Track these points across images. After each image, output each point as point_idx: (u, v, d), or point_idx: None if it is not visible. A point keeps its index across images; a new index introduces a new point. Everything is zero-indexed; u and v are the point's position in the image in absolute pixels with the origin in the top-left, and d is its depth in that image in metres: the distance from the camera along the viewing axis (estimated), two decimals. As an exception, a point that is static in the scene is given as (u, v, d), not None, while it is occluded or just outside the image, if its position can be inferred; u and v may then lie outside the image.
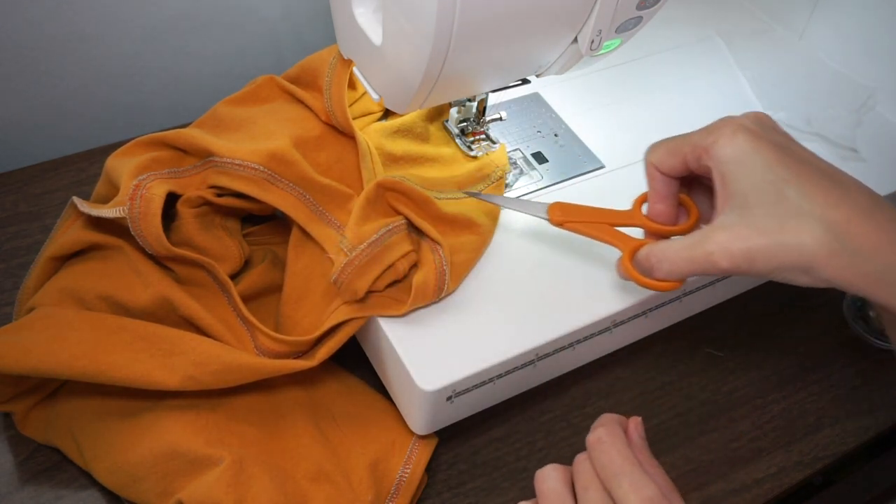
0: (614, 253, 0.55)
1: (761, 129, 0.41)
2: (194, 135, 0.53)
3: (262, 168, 0.51)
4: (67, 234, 0.52)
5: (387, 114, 0.61)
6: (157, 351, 0.47)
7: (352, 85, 0.60)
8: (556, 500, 0.40)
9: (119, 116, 0.73)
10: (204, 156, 0.52)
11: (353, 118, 0.60)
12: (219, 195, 0.53)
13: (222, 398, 0.50)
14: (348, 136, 0.57)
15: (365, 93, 0.58)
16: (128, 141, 0.54)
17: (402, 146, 0.58)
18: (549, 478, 0.41)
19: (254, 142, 0.53)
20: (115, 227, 0.51)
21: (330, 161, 0.55)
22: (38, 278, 0.52)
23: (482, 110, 0.60)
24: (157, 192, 0.49)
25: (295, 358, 0.50)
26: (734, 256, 0.40)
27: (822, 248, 0.38)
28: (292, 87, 0.58)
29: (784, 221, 0.39)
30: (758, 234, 0.39)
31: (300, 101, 0.57)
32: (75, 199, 0.51)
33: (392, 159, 0.57)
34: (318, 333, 0.49)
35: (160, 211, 0.49)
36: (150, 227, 0.49)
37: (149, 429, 0.48)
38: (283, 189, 0.52)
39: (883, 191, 0.62)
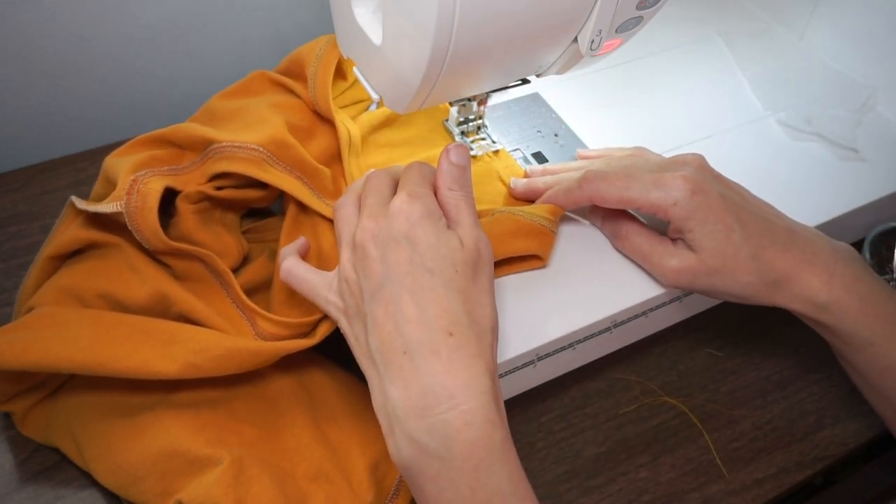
0: (614, 255, 0.55)
1: (704, 180, 0.50)
2: (192, 127, 0.53)
3: (261, 149, 0.52)
4: (66, 233, 0.51)
5: None
6: (157, 341, 0.47)
7: (343, 75, 0.60)
8: (349, 220, 0.47)
9: (119, 116, 0.73)
10: (203, 147, 0.53)
11: (344, 106, 0.61)
12: (218, 188, 0.53)
13: (222, 398, 0.50)
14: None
15: (355, 81, 0.59)
16: (127, 141, 0.54)
17: (386, 136, 0.60)
18: (343, 203, 0.48)
19: (250, 128, 0.54)
20: (113, 225, 0.51)
21: (319, 149, 0.56)
22: (38, 278, 0.51)
23: (482, 110, 0.60)
24: (154, 188, 0.49)
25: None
26: (678, 280, 0.51)
27: (756, 280, 0.49)
28: (282, 78, 0.59)
29: (727, 261, 0.49)
30: (705, 268, 0.49)
31: (291, 91, 0.58)
32: (73, 198, 0.51)
33: (376, 146, 0.59)
34: (320, 315, 0.49)
35: (157, 205, 0.49)
36: (147, 222, 0.49)
37: (148, 428, 0.48)
38: (281, 171, 0.52)
39: (883, 191, 0.62)
